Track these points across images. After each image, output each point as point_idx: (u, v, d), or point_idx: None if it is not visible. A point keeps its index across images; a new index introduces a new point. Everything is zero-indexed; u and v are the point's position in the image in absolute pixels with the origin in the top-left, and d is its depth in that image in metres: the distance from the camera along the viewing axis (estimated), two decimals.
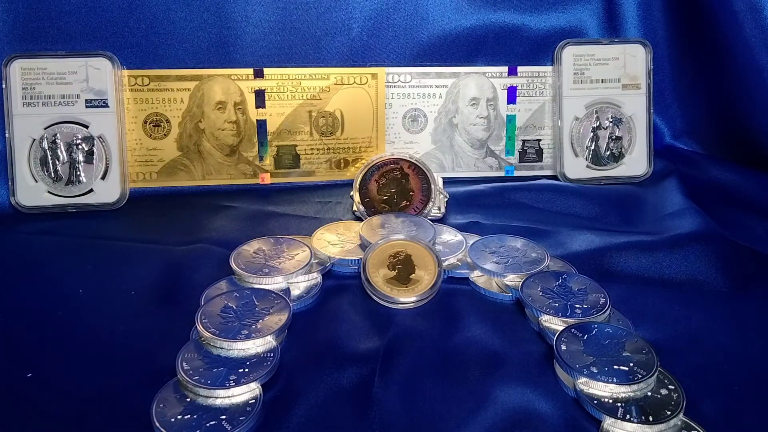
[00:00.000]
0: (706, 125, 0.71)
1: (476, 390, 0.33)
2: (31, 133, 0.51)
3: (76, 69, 0.51)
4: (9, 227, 0.51)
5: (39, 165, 0.51)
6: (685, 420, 0.30)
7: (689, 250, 0.46)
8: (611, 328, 0.36)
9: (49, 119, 0.52)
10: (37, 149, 0.51)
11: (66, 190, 0.52)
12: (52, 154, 0.51)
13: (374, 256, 0.43)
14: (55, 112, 0.52)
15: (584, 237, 0.49)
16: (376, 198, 0.54)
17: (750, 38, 0.60)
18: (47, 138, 0.51)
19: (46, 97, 0.51)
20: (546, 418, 0.31)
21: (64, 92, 0.52)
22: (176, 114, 0.58)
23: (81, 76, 0.51)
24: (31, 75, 0.51)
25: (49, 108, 0.52)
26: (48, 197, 0.52)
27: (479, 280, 0.44)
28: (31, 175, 0.51)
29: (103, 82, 0.52)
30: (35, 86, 0.51)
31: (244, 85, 0.59)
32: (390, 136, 0.63)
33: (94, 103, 0.51)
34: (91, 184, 0.52)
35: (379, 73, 0.61)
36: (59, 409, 0.31)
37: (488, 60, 0.66)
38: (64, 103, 0.52)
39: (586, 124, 0.63)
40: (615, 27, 0.69)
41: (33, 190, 0.51)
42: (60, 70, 0.52)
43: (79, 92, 0.51)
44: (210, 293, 0.41)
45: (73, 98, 0.51)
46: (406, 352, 0.36)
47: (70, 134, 0.51)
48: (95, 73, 0.51)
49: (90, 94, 0.51)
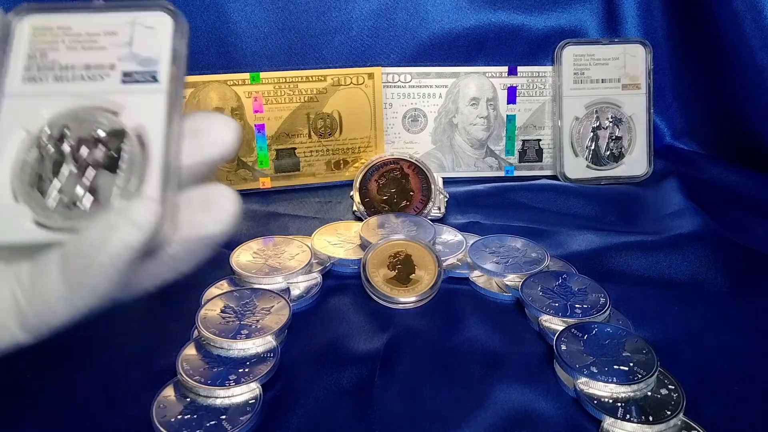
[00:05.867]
0: (706, 125, 0.71)
1: (476, 390, 0.33)
2: (25, 124, 0.28)
3: (114, 30, 0.30)
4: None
5: (28, 176, 0.27)
6: (685, 420, 0.30)
7: (689, 250, 0.46)
8: (611, 328, 0.36)
9: (59, 102, 0.29)
10: (31, 150, 0.28)
11: (63, 219, 0.27)
12: (54, 159, 0.27)
13: (374, 256, 0.43)
14: (70, 90, 0.29)
15: (584, 237, 0.49)
16: (376, 198, 0.54)
17: (750, 38, 0.60)
18: (50, 132, 0.28)
19: (62, 68, 0.29)
20: (546, 418, 0.31)
21: (91, 60, 0.29)
22: None
23: (125, 35, 0.30)
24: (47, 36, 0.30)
25: (62, 85, 0.29)
26: (30, 231, 0.26)
27: (479, 280, 0.44)
28: (11, 193, 0.27)
29: (154, 46, 0.30)
30: (47, 53, 0.29)
31: (241, 90, 0.58)
32: (390, 136, 0.63)
33: (136, 77, 0.29)
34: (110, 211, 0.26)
35: (375, 72, 0.61)
36: (59, 410, 0.31)
37: (488, 60, 0.66)
38: (85, 77, 0.29)
39: (586, 124, 0.63)
40: (615, 27, 0.69)
41: (10, 217, 0.27)
42: (92, 29, 0.30)
43: (117, 59, 0.29)
44: (210, 293, 0.41)
45: (104, 70, 0.29)
46: (406, 352, 0.36)
47: (86, 126, 0.28)
48: (145, 33, 0.30)
49: (130, 64, 0.29)
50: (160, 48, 0.29)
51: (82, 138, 0.27)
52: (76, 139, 0.27)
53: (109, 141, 0.28)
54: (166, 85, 0.28)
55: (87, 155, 0.27)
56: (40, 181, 0.27)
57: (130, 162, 0.27)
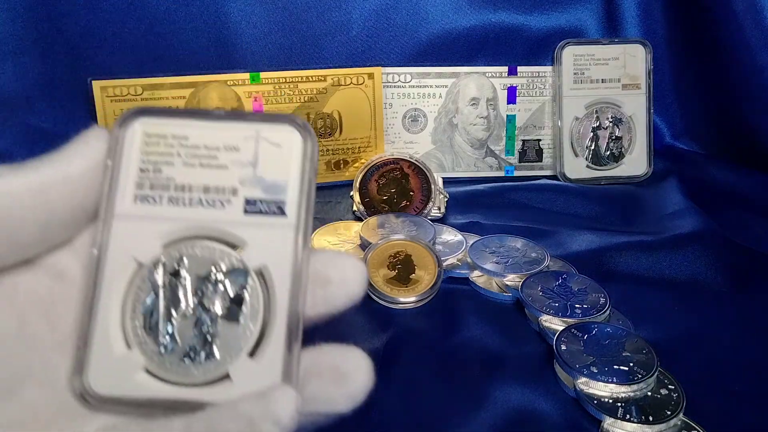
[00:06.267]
0: (706, 125, 0.71)
1: (476, 390, 0.33)
2: (138, 253, 0.24)
3: (236, 144, 0.25)
4: None
5: (141, 317, 0.24)
6: (685, 420, 0.30)
7: (689, 250, 0.45)
8: (611, 328, 0.36)
9: (174, 229, 0.24)
10: (143, 285, 0.24)
11: (178, 370, 0.23)
12: (169, 298, 0.24)
13: (374, 256, 0.43)
14: (187, 216, 0.24)
15: (584, 237, 0.49)
16: (376, 198, 0.54)
17: (750, 38, 0.60)
18: (166, 263, 0.24)
19: (178, 188, 0.24)
20: (546, 418, 0.31)
21: (211, 182, 0.25)
22: None
23: (248, 152, 0.25)
24: (160, 146, 0.25)
25: (178, 209, 0.24)
26: (144, 385, 0.23)
27: (479, 280, 0.44)
28: (123, 337, 0.23)
29: (282, 169, 0.25)
30: (161, 168, 0.25)
31: (241, 90, 0.58)
32: (390, 136, 0.63)
33: (260, 206, 0.25)
34: (226, 365, 0.23)
35: (375, 72, 0.61)
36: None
37: (488, 60, 0.66)
38: (204, 202, 0.24)
39: (586, 124, 0.63)
40: (615, 27, 0.69)
41: (119, 366, 0.23)
42: (210, 142, 0.25)
43: (238, 182, 0.25)
44: None
45: (225, 195, 0.25)
46: (406, 352, 0.35)
47: (205, 262, 0.24)
48: (271, 152, 0.25)
49: (254, 190, 0.25)
50: (288, 172, 0.25)
51: (199, 276, 0.24)
52: (194, 276, 0.24)
53: (229, 282, 0.24)
54: (294, 219, 0.24)
55: (205, 299, 0.24)
56: (152, 323, 0.23)
57: (252, 311, 0.23)
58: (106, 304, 0.23)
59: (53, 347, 0.23)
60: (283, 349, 0.23)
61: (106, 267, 0.24)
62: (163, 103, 0.57)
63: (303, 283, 0.24)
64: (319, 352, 0.23)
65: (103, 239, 0.24)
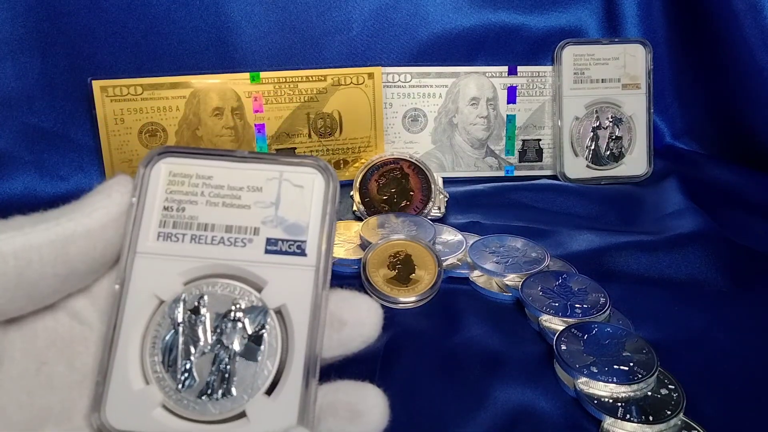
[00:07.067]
0: (706, 125, 0.71)
1: (476, 390, 0.33)
2: (159, 290, 0.25)
3: (259, 185, 0.26)
4: None
5: (160, 353, 0.24)
6: (685, 420, 0.30)
7: (689, 250, 0.46)
8: (611, 327, 0.36)
9: (195, 267, 0.25)
10: (163, 322, 0.24)
11: (195, 407, 0.23)
12: (188, 335, 0.24)
13: (374, 256, 0.43)
14: (209, 255, 0.25)
15: (584, 237, 0.49)
16: (376, 198, 0.54)
17: (750, 38, 0.60)
18: (186, 301, 0.24)
19: (200, 227, 0.25)
20: (546, 417, 0.31)
21: (233, 221, 0.25)
22: (172, 122, 0.57)
23: (271, 193, 0.26)
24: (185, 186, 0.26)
25: (200, 248, 0.25)
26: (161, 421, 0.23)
27: (479, 280, 0.44)
28: (142, 372, 0.24)
29: (303, 210, 0.26)
30: (185, 206, 0.25)
31: (241, 90, 0.58)
32: (390, 136, 0.63)
33: (281, 246, 0.25)
34: (243, 403, 0.23)
35: (375, 72, 0.61)
36: None
37: (488, 60, 0.66)
38: (226, 241, 0.25)
39: (586, 124, 0.63)
40: (615, 27, 0.69)
41: (137, 401, 0.23)
42: (234, 182, 0.26)
43: (261, 222, 0.25)
44: None
45: (247, 234, 0.25)
46: (406, 352, 0.35)
47: (225, 301, 0.25)
48: (293, 194, 0.26)
49: (276, 230, 0.25)
50: (309, 213, 0.25)
51: (219, 313, 0.24)
52: (213, 314, 0.24)
53: (248, 322, 0.24)
54: (314, 260, 0.25)
55: (224, 336, 0.24)
56: (171, 359, 0.24)
57: (270, 349, 0.24)
58: (126, 339, 0.24)
59: (71, 386, 0.23)
60: (300, 388, 0.23)
61: (127, 303, 0.24)
62: (163, 103, 0.56)
63: (321, 323, 0.24)
64: (334, 390, 0.23)
65: (125, 275, 0.24)
